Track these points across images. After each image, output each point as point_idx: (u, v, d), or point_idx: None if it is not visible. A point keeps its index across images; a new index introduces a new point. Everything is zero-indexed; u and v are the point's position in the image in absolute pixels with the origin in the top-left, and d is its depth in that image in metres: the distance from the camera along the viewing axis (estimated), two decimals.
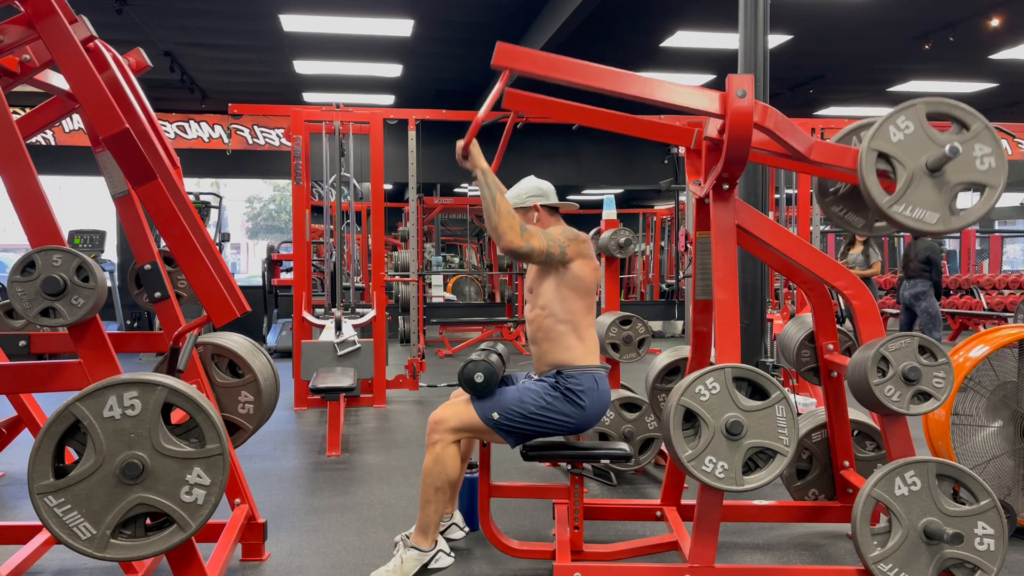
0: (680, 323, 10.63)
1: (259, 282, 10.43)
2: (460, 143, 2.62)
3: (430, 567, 2.59)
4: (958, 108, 2.32)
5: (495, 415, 2.60)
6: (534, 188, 2.91)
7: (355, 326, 5.37)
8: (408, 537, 2.66)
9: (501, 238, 2.58)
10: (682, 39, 8.05)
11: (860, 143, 2.39)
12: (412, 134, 6.54)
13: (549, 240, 2.66)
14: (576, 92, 2.53)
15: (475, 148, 2.63)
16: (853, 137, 2.66)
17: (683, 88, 2.44)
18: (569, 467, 2.74)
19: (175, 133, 10.46)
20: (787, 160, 2.66)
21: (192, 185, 15.07)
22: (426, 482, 2.60)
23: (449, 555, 2.64)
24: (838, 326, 3.05)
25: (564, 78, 2.41)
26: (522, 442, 2.69)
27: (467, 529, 3.01)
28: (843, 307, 4.99)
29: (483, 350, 2.78)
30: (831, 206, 2.76)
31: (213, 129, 10.57)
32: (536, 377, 2.77)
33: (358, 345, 5.13)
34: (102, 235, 8.85)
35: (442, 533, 2.77)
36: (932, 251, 6.77)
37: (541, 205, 2.88)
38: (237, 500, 2.81)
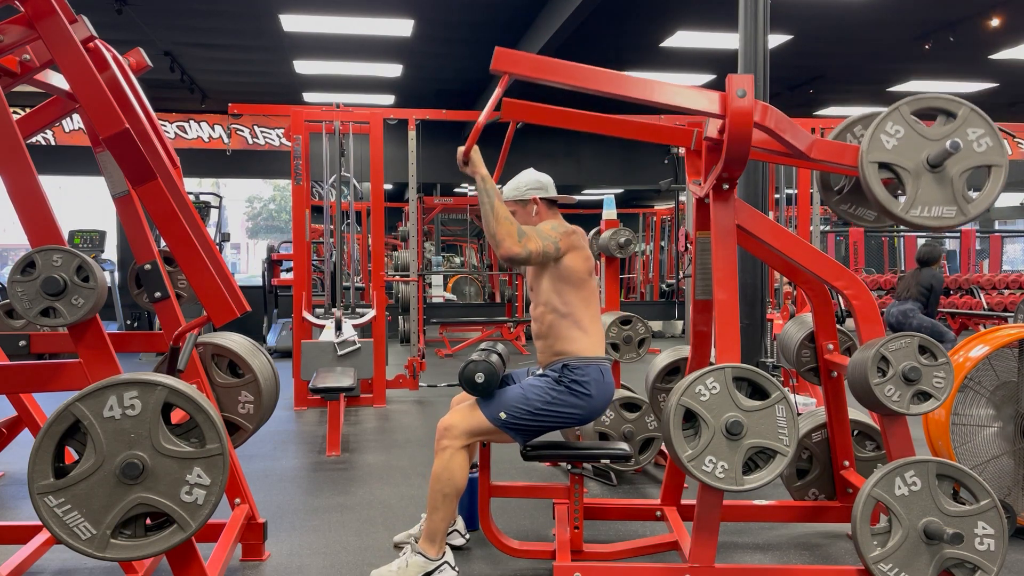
0: (680, 323, 10.62)
1: (259, 282, 10.43)
2: (461, 149, 2.62)
3: None
4: (939, 99, 2.33)
5: (502, 415, 2.60)
6: (534, 181, 2.91)
7: (355, 326, 5.37)
8: (416, 541, 2.66)
9: (500, 245, 2.59)
10: (682, 39, 8.05)
11: (857, 139, 2.39)
12: (412, 134, 6.54)
13: (544, 240, 2.67)
14: (575, 97, 2.53)
15: (476, 155, 2.63)
16: (848, 133, 2.66)
17: (683, 89, 2.44)
18: (569, 467, 2.74)
19: (175, 133, 10.46)
20: (788, 158, 2.66)
21: (194, 185, 15.09)
22: (434, 488, 2.59)
23: (454, 569, 2.63)
24: (838, 326, 3.05)
25: (563, 81, 2.42)
26: (531, 439, 2.69)
27: (467, 536, 3.01)
28: (843, 307, 5.00)
29: (483, 350, 2.78)
30: (839, 205, 2.76)
31: (213, 129, 10.57)
32: (540, 372, 2.77)
33: (358, 345, 5.13)
34: (102, 235, 8.85)
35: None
36: (936, 280, 6.68)
37: (540, 198, 2.88)
38: (237, 500, 2.81)
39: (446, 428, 2.62)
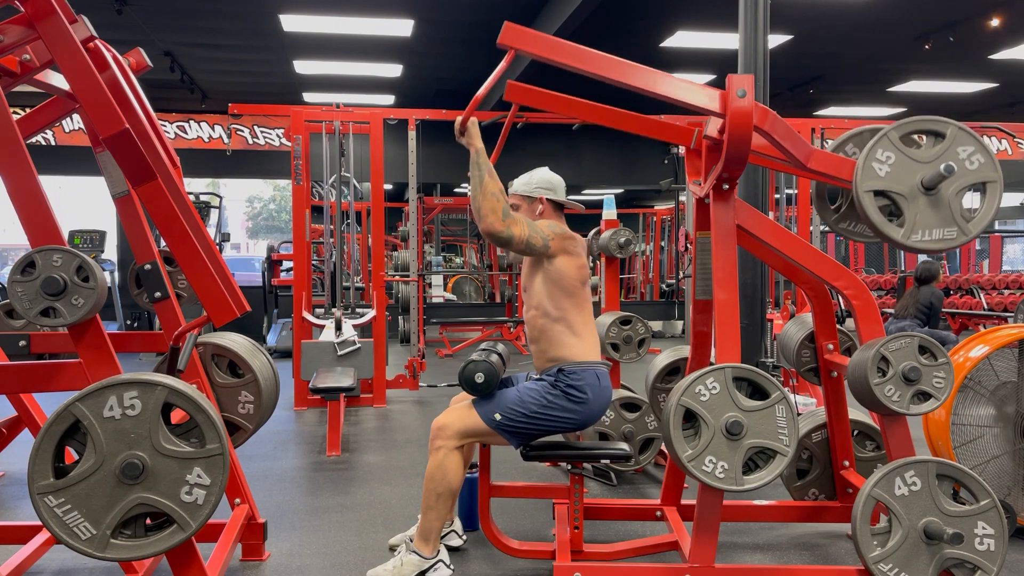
0: (680, 323, 10.62)
1: (259, 282, 10.43)
2: (459, 117, 2.59)
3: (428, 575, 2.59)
4: (926, 121, 2.34)
5: (497, 416, 2.59)
6: (545, 180, 2.88)
7: (355, 326, 5.37)
8: (411, 541, 2.66)
9: (482, 220, 2.56)
10: (682, 39, 8.05)
11: (850, 156, 2.39)
12: (412, 134, 6.54)
13: (532, 230, 2.64)
14: (578, 86, 2.52)
15: (473, 126, 2.60)
16: (841, 151, 2.66)
17: (685, 83, 2.44)
18: (569, 467, 2.74)
19: (175, 133, 10.46)
20: (786, 165, 2.66)
21: (201, 186, 15.08)
22: (428, 488, 2.59)
23: (449, 567, 2.64)
24: (838, 326, 3.05)
25: (568, 63, 2.39)
26: (525, 442, 2.68)
27: (465, 538, 3.01)
28: (843, 307, 4.99)
29: (483, 350, 2.77)
30: (838, 223, 2.76)
31: (213, 129, 10.57)
32: (536, 376, 2.77)
33: (358, 345, 5.13)
34: (102, 235, 8.85)
35: (440, 539, 2.77)
36: (935, 298, 6.66)
37: (547, 199, 2.86)
38: (237, 500, 2.81)
39: (440, 427, 2.61)
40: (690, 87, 2.43)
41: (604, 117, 2.78)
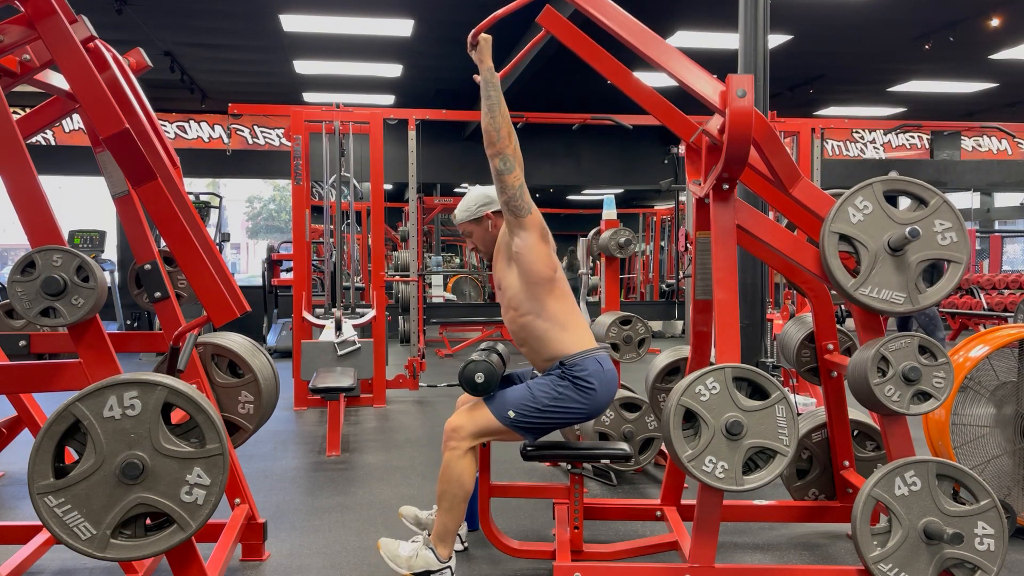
0: (680, 323, 10.62)
1: (259, 282, 10.43)
2: (473, 31, 2.54)
3: None
4: (914, 184, 2.36)
5: (511, 413, 2.58)
6: (483, 196, 2.81)
7: (355, 326, 5.37)
8: (428, 535, 2.66)
9: (499, 139, 2.52)
10: (682, 39, 8.04)
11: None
12: (412, 134, 6.54)
13: (528, 198, 2.61)
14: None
15: (485, 42, 2.56)
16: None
17: (693, 67, 2.45)
18: (569, 467, 2.74)
19: (175, 133, 10.46)
20: (767, 186, 2.66)
21: (201, 186, 15.08)
22: (444, 490, 2.58)
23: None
24: (838, 326, 3.05)
25: (593, 9, 2.43)
26: (540, 436, 2.66)
27: (467, 544, 3.02)
28: (843, 307, 4.99)
29: (483, 350, 2.77)
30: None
31: (213, 129, 10.57)
32: (540, 375, 2.76)
33: (358, 345, 5.13)
34: (102, 235, 8.85)
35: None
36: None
37: (493, 212, 2.80)
38: (237, 500, 2.81)
39: (454, 429, 2.59)
40: (698, 72, 2.45)
41: (626, 81, 2.72)
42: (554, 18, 2.74)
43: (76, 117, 6.18)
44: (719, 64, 8.90)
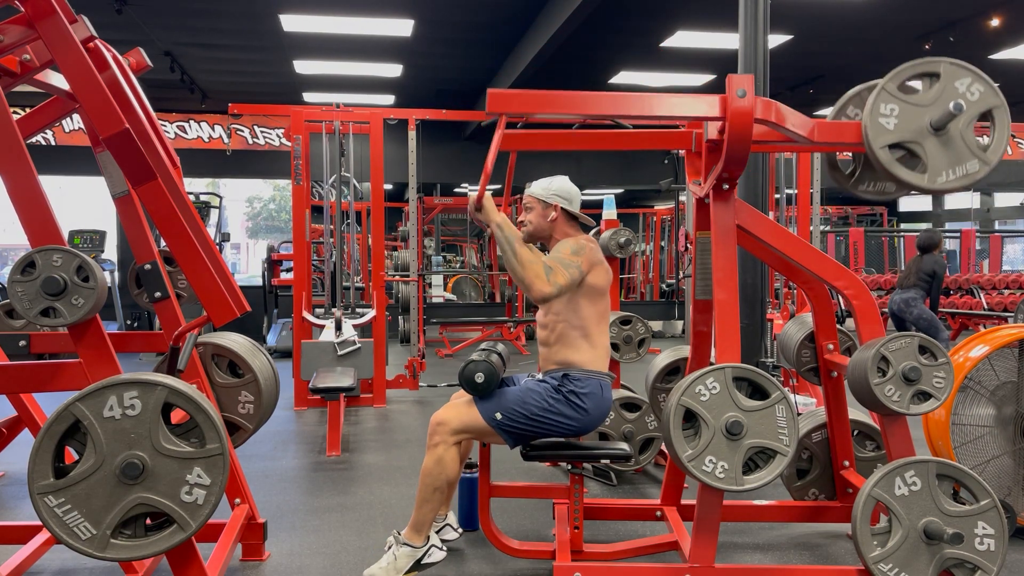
0: (680, 323, 10.62)
1: (259, 282, 10.43)
2: (473, 196, 2.60)
3: (423, 562, 2.61)
4: (918, 64, 2.32)
5: (498, 415, 2.60)
6: (563, 189, 2.85)
7: (355, 326, 5.37)
8: (400, 534, 2.67)
9: (530, 289, 2.56)
10: (682, 39, 8.04)
11: (856, 115, 2.40)
12: (412, 134, 6.54)
13: (568, 268, 2.62)
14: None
15: (488, 201, 2.61)
16: (843, 115, 2.66)
17: (681, 98, 2.44)
18: (569, 467, 2.74)
19: (175, 133, 10.46)
20: (792, 144, 2.65)
21: (201, 186, 15.08)
22: (425, 482, 2.60)
23: (441, 549, 2.66)
24: (838, 326, 3.05)
25: (560, 111, 2.43)
26: (521, 443, 2.69)
27: (461, 530, 3.02)
28: (843, 307, 5.00)
29: (483, 350, 2.77)
30: (857, 186, 2.71)
31: (213, 129, 10.57)
32: (539, 376, 2.76)
33: (358, 345, 5.13)
34: (102, 235, 8.85)
35: (436, 534, 2.78)
36: (938, 265, 6.70)
37: (562, 208, 2.83)
38: (237, 500, 2.81)
39: (439, 423, 2.62)
40: (687, 100, 2.44)
41: (602, 143, 2.82)
42: (516, 138, 2.82)
43: (76, 117, 6.18)
44: (719, 64, 8.92)
